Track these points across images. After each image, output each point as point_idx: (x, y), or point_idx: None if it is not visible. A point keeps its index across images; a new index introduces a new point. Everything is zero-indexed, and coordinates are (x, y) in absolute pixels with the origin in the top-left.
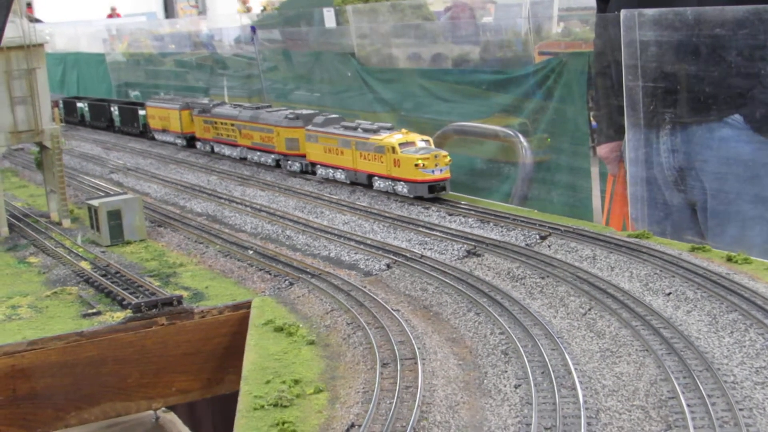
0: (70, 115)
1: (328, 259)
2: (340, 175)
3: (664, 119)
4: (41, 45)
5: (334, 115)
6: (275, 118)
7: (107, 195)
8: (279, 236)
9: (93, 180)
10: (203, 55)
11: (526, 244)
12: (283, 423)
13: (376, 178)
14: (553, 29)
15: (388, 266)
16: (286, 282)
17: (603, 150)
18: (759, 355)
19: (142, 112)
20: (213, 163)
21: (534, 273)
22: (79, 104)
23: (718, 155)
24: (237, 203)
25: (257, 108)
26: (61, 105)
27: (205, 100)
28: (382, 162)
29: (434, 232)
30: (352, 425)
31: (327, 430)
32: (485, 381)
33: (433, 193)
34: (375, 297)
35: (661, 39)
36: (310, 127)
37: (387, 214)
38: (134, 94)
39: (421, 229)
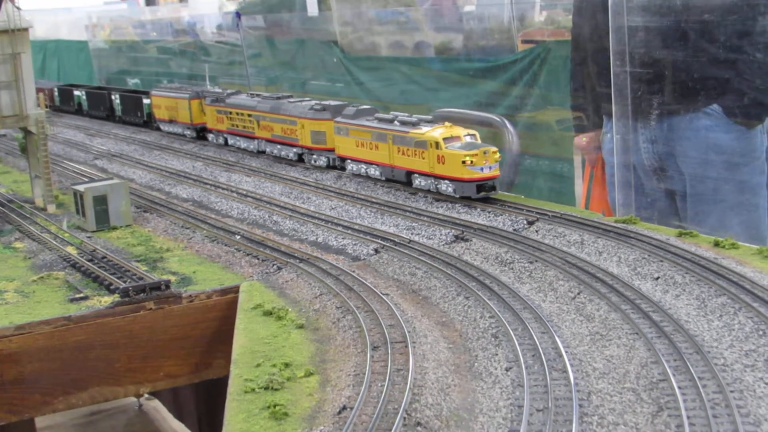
0: (65, 103)
1: (316, 244)
2: (374, 172)
3: (651, 105)
4: (26, 30)
5: (366, 106)
6: (299, 109)
7: (92, 180)
8: (266, 221)
9: (78, 166)
10: (186, 41)
11: (514, 229)
12: (275, 405)
13: (416, 175)
14: (536, 17)
15: (377, 251)
16: (275, 267)
17: (581, 140)
18: (748, 338)
19: (146, 101)
20: (202, 150)
21: (522, 257)
22: (76, 92)
23: (698, 145)
24: (223, 189)
25: (278, 98)
26: (56, 93)
27: (218, 89)
28: (423, 158)
29: (422, 218)
30: (344, 408)
31: (319, 412)
32: (476, 364)
33: (481, 193)
34: (364, 281)
35: (649, 25)
36: (339, 119)
37: (374, 200)
38: (133, 82)
39: (408, 214)
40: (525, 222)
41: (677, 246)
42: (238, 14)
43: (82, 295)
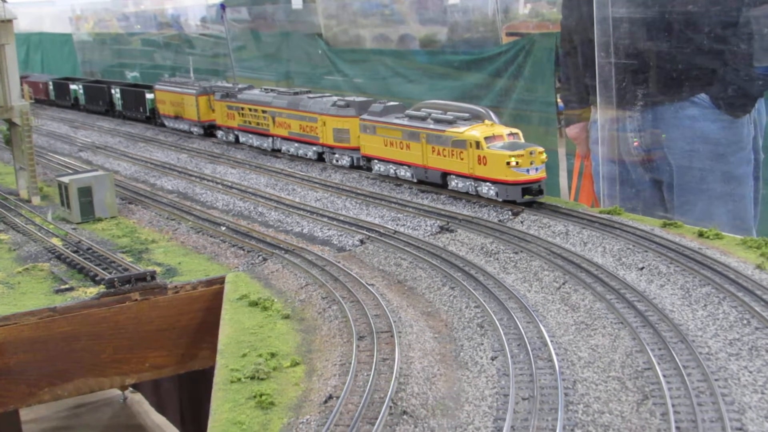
0: (61, 97)
1: (301, 235)
2: (404, 173)
3: (636, 96)
4: (10, 21)
5: (393, 103)
6: (320, 106)
7: (77, 172)
8: (251, 213)
9: (62, 158)
10: (170, 34)
11: (499, 220)
12: (261, 395)
13: (452, 177)
14: (521, 10)
15: (362, 242)
16: (260, 257)
17: (573, 130)
18: (732, 328)
19: (149, 96)
20: (182, 142)
21: (508, 248)
22: (73, 86)
23: (685, 134)
24: (208, 180)
25: (296, 93)
26: (50, 87)
27: (229, 84)
28: (461, 159)
29: (407, 209)
30: (330, 397)
31: (305, 401)
32: (461, 353)
33: (527, 197)
34: (349, 272)
35: (633, 16)
36: (365, 116)
37: (359, 191)
38: (132, 75)
39: (393, 205)
40: (510, 213)
41: (662, 236)
42: (222, 6)
43: (67, 286)
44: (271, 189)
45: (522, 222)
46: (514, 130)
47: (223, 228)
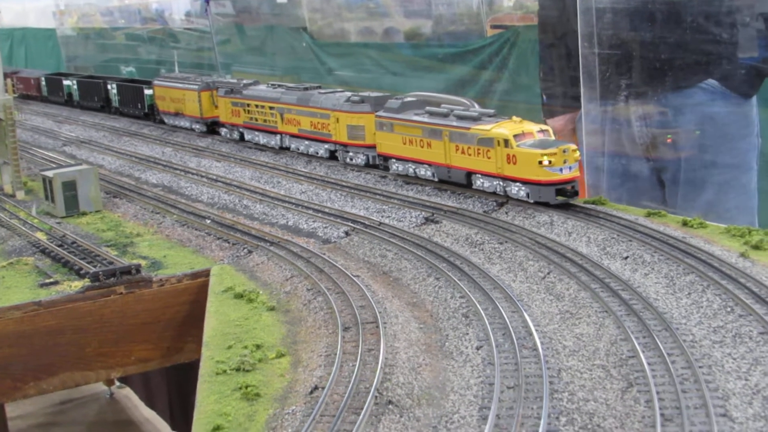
0: (54, 93)
1: (287, 228)
2: (425, 172)
3: (621, 86)
4: None
5: (412, 98)
6: (333, 101)
7: (61, 166)
8: (236, 206)
9: (46, 152)
10: (154, 28)
11: (484, 211)
12: (246, 386)
13: (478, 176)
14: (505, 2)
15: (347, 234)
16: (245, 250)
17: (558, 122)
18: (716, 315)
19: (148, 92)
20: (167, 135)
21: (492, 239)
22: (66, 81)
23: (694, 121)
24: (193, 174)
25: (306, 89)
26: (43, 82)
27: (233, 79)
28: (488, 157)
29: (392, 200)
30: (316, 387)
31: (290, 392)
32: (447, 343)
33: (561, 197)
34: (335, 263)
35: (617, 6)
36: (382, 112)
37: (344, 183)
38: (128, 70)
39: (378, 197)
40: (495, 204)
41: (646, 225)
42: (207, 0)
43: (52, 280)
44: (257, 182)
45: (507, 213)
46: (545, 127)
47: (209, 221)
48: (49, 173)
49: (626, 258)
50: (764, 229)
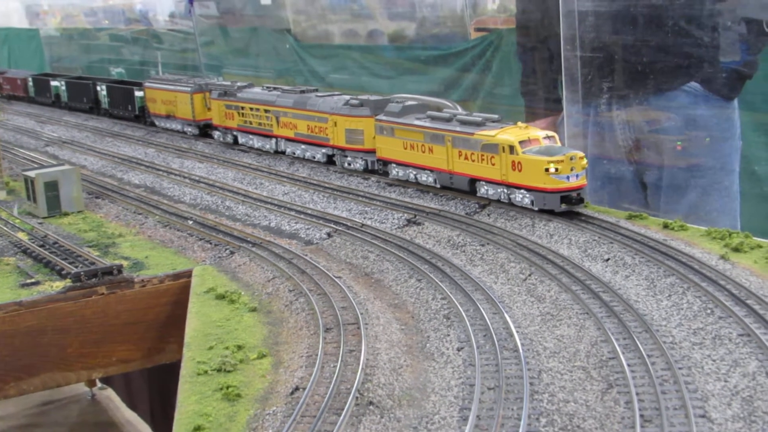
0: (41, 94)
1: (269, 229)
2: (426, 178)
3: (603, 89)
4: None
5: (413, 102)
6: (330, 105)
7: (43, 166)
8: (219, 207)
9: (29, 153)
10: (138, 29)
11: (466, 213)
12: (227, 387)
13: (482, 183)
14: (489, 5)
15: (329, 235)
16: (227, 251)
17: (540, 125)
18: (696, 317)
19: (138, 94)
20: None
21: (474, 240)
22: (54, 82)
23: (677, 124)
24: (176, 175)
25: (302, 92)
26: (30, 83)
27: (227, 82)
28: (493, 164)
29: (374, 202)
30: (297, 388)
31: (271, 393)
32: (428, 344)
33: (566, 205)
34: (316, 265)
35: (599, 9)
36: (382, 116)
37: (326, 185)
38: (117, 71)
39: (360, 198)
40: (477, 206)
41: (627, 228)
42: (190, 1)
43: (33, 280)
44: (239, 183)
45: (489, 215)
46: (550, 133)
47: (191, 222)
48: (32, 173)
49: (607, 260)
50: (746, 231)
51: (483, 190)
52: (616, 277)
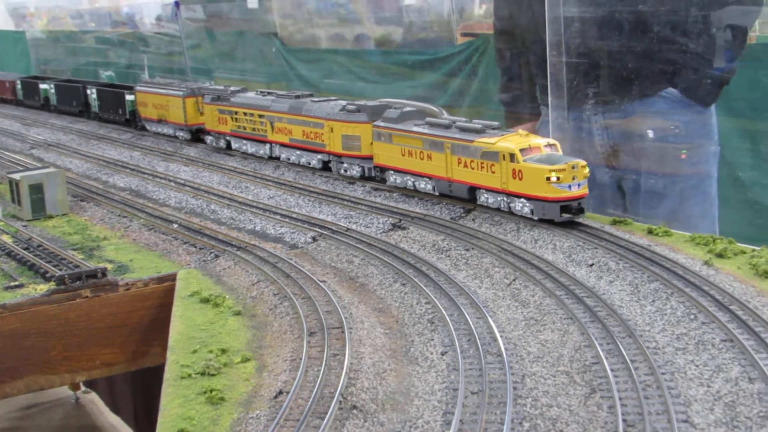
0: (29, 97)
1: (254, 233)
2: (425, 185)
3: (588, 94)
4: None
5: (411, 108)
6: (326, 110)
7: (28, 169)
8: (204, 210)
9: (13, 155)
10: (124, 32)
11: (451, 218)
12: (211, 390)
13: (482, 191)
14: (476, 10)
15: (314, 239)
16: (212, 254)
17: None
18: (680, 323)
19: (129, 98)
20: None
21: (459, 245)
22: (43, 85)
23: (655, 129)
24: (161, 178)
25: (298, 97)
26: (18, 86)
27: (220, 86)
28: (493, 172)
29: (359, 206)
30: (280, 392)
31: (255, 397)
32: (412, 349)
33: (566, 215)
34: (301, 269)
35: (584, 15)
36: (380, 122)
37: (312, 189)
38: (106, 74)
39: (346, 203)
40: (462, 210)
41: (612, 233)
42: (177, 4)
43: (17, 283)
44: (224, 187)
45: (474, 219)
46: (552, 141)
47: (175, 225)
48: (16, 176)
49: (591, 265)
50: (724, 236)
51: (483, 198)
52: (600, 282)
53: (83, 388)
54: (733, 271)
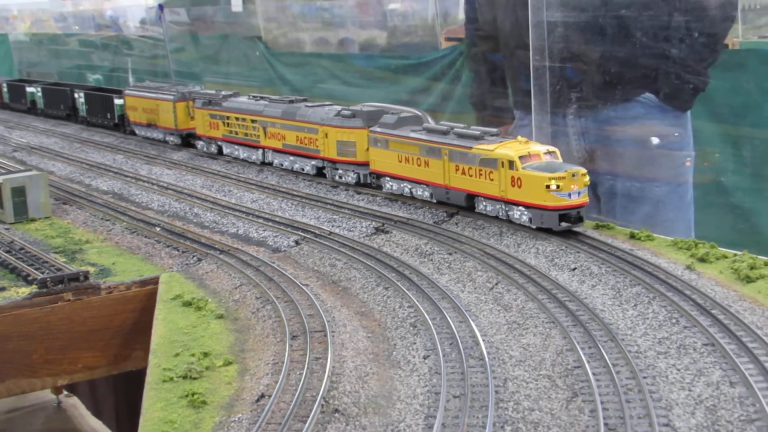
0: (16, 101)
1: (237, 236)
2: (422, 192)
3: (569, 99)
4: None
5: (408, 114)
6: (321, 115)
7: (10, 172)
8: (187, 214)
9: None
10: (108, 35)
11: (434, 222)
12: (193, 394)
13: (480, 199)
14: (460, 15)
15: (297, 243)
16: (195, 258)
17: None
18: (662, 327)
19: (118, 102)
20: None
21: (442, 249)
22: (30, 88)
23: (631, 134)
24: (144, 181)
25: (291, 101)
26: (4, 88)
27: (211, 90)
28: (491, 179)
29: (343, 210)
30: (262, 395)
31: (237, 400)
32: (394, 352)
33: (565, 224)
34: (284, 272)
35: (567, 20)
36: (377, 128)
37: (295, 192)
38: (94, 78)
39: (329, 206)
40: (445, 214)
41: (594, 238)
42: (160, 6)
43: None
44: (207, 190)
45: (457, 224)
46: (552, 149)
47: (158, 228)
48: None
49: (574, 269)
50: (699, 240)
51: (482, 206)
52: (582, 286)
53: (65, 392)
54: (715, 275)
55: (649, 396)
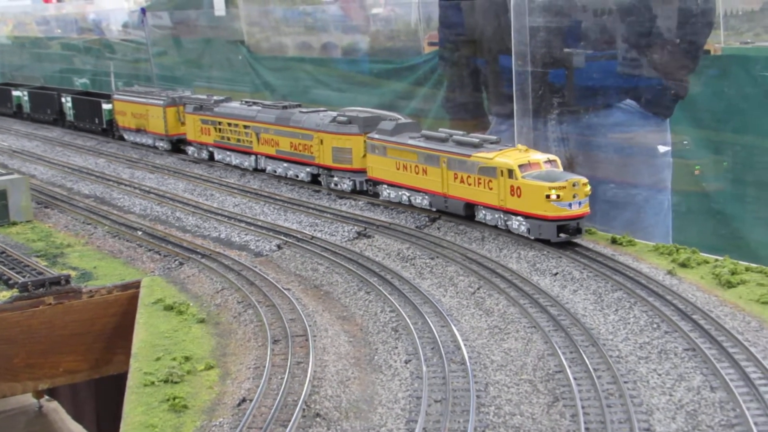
0: (1, 104)
1: (219, 240)
2: (420, 200)
3: (551, 104)
4: None
5: (406, 120)
6: (316, 121)
7: None
8: (168, 217)
9: None
10: (91, 39)
11: (417, 226)
12: (174, 398)
13: (479, 208)
14: None
15: (279, 247)
16: (176, 262)
17: None
18: (643, 331)
19: (106, 106)
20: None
21: (424, 254)
22: (15, 92)
23: (612, 140)
24: (126, 185)
25: (285, 107)
26: None
27: (202, 95)
28: (490, 188)
29: (325, 214)
30: (244, 400)
31: (218, 404)
32: (376, 357)
33: (563, 235)
34: (266, 276)
35: (550, 25)
36: (374, 134)
37: (277, 197)
38: (81, 82)
39: (311, 211)
40: (427, 219)
41: (576, 243)
42: (143, 10)
43: None
44: (189, 194)
45: (439, 228)
46: (552, 157)
47: (140, 232)
48: None
49: (555, 274)
50: (677, 245)
51: (481, 215)
52: (564, 291)
53: (46, 396)
54: (696, 280)
55: (630, 401)
